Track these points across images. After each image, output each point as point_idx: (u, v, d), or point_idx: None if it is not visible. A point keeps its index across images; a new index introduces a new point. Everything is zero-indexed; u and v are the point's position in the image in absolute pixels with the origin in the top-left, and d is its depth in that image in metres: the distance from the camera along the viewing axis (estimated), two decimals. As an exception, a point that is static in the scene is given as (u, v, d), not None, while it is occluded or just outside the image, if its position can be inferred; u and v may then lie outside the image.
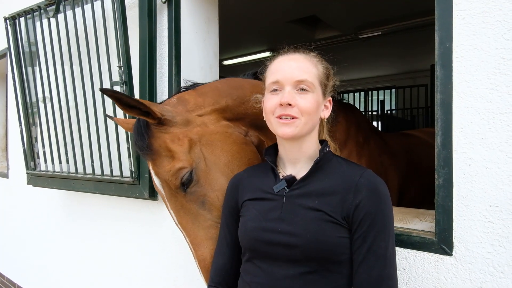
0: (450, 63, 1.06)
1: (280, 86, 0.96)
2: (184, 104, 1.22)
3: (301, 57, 0.99)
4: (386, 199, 0.92)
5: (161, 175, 1.13)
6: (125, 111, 1.09)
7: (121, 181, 1.93)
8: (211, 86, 1.32)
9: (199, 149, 1.15)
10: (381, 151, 2.33)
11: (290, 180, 0.99)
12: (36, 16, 2.28)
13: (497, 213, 1.00)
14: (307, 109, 0.93)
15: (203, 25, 2.02)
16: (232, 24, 4.79)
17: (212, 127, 1.21)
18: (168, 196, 1.15)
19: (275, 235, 0.93)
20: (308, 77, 0.95)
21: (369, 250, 0.88)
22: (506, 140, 0.98)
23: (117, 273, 2.32)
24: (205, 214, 1.14)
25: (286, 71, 0.96)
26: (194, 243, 1.14)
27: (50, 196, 2.81)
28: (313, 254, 0.90)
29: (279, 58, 1.01)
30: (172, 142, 1.13)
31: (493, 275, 1.01)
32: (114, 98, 1.06)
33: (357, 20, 4.92)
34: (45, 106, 2.34)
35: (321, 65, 1.01)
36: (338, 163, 1.01)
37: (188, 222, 1.14)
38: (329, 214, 0.91)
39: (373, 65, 7.58)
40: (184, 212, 1.14)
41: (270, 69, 1.02)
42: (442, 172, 1.08)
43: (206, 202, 1.14)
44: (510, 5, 0.97)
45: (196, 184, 1.13)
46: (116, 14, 1.81)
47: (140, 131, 1.15)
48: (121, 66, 1.81)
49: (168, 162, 1.12)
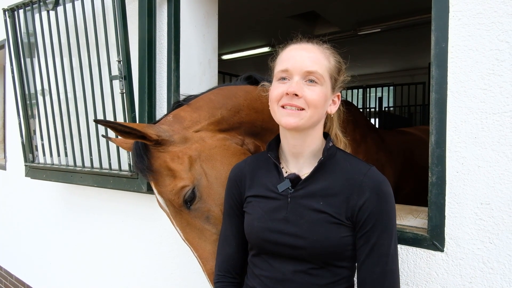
0: (446, 63, 1.08)
1: (289, 75, 0.93)
2: (180, 122, 1.22)
3: (314, 48, 0.96)
4: (390, 198, 0.92)
5: (165, 195, 1.14)
6: (122, 137, 1.11)
7: (120, 174, 1.95)
8: (204, 99, 1.31)
9: (200, 165, 1.16)
10: (378, 148, 2.36)
11: (294, 180, 0.98)
12: (36, 9, 2.28)
13: (488, 211, 1.03)
14: (314, 101, 0.90)
15: (203, 20, 2.03)
16: (232, 19, 4.78)
17: (210, 141, 1.21)
18: (173, 214, 1.17)
19: (281, 236, 0.94)
20: (318, 68, 0.92)
21: (372, 248, 0.90)
22: (498, 140, 1.01)
23: (114, 265, 2.35)
24: (211, 229, 1.16)
25: (297, 60, 0.92)
26: (202, 257, 1.16)
27: (48, 188, 2.82)
28: (319, 254, 0.92)
29: (291, 46, 0.98)
30: (172, 161, 1.14)
31: (483, 271, 1.04)
32: (110, 127, 1.07)
33: (357, 17, 4.92)
34: (44, 98, 2.34)
35: (334, 58, 0.98)
36: (342, 158, 0.99)
37: (195, 238, 1.16)
38: (334, 216, 0.91)
39: (371, 62, 7.59)
40: (190, 228, 1.16)
41: (281, 56, 0.98)
42: (436, 170, 1.11)
43: (211, 217, 1.16)
44: (505, 7, 0.99)
45: (200, 200, 1.14)
46: (116, 8, 1.81)
47: (139, 153, 1.15)
48: (120, 61, 1.81)
49: (170, 181, 1.13)
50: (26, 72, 2.42)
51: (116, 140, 1.35)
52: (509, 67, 0.99)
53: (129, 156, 1.88)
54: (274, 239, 0.95)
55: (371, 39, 5.69)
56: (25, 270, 3.21)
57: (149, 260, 2.12)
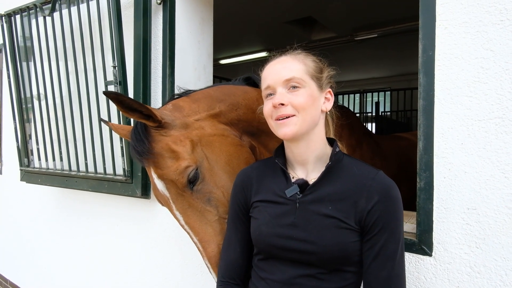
0: (433, 71, 1.10)
1: (272, 90, 0.97)
2: (180, 110, 1.25)
3: (287, 58, 1.00)
4: (398, 203, 0.92)
5: (167, 176, 1.14)
6: (126, 114, 1.11)
7: (114, 179, 1.96)
8: (204, 93, 1.34)
9: (200, 149, 1.18)
10: (373, 154, 2.37)
11: (303, 185, 0.98)
12: (32, 14, 2.30)
13: (475, 216, 1.05)
14: (301, 104, 0.93)
15: (198, 26, 2.05)
16: (229, 24, 4.82)
17: (209, 130, 1.24)
18: (174, 197, 1.16)
19: (290, 241, 0.94)
20: (295, 74, 0.95)
21: (379, 252, 0.90)
22: (484, 146, 1.03)
23: (109, 269, 2.35)
24: (212, 211, 1.16)
25: (274, 74, 0.97)
26: (203, 240, 1.15)
27: (44, 193, 2.82)
28: (328, 259, 0.92)
29: (268, 65, 1.03)
30: (174, 144, 1.15)
31: (470, 275, 1.06)
32: (116, 100, 1.07)
33: (353, 22, 4.96)
34: (40, 103, 2.36)
35: (309, 59, 1.01)
36: (349, 163, 1.00)
37: (196, 221, 1.16)
38: (343, 221, 0.92)
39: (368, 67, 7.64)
40: (191, 210, 1.16)
41: (262, 77, 1.03)
42: (424, 176, 1.12)
43: (212, 199, 1.17)
44: (490, 17, 1.01)
45: (202, 182, 1.15)
46: (112, 14, 1.83)
47: (139, 137, 1.15)
48: (115, 66, 1.83)
49: (173, 162, 1.13)
50: (22, 76, 2.44)
51: (114, 126, 1.34)
52: (493, 75, 1.01)
53: (123, 160, 1.90)
54: (282, 245, 0.95)
55: (367, 44, 5.73)
56: (20, 275, 3.20)
57: (144, 264, 2.12)
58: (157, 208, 2.00)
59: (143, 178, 1.88)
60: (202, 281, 1.84)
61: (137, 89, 1.88)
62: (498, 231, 1.01)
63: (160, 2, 1.89)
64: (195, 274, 1.86)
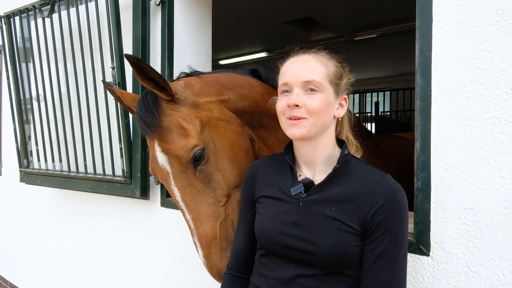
0: (430, 71, 1.10)
1: (289, 87, 0.96)
2: (192, 89, 1.25)
3: (310, 57, 0.99)
4: (403, 207, 0.91)
5: (173, 151, 1.13)
6: (141, 82, 1.11)
7: (113, 180, 1.96)
8: (214, 78, 1.33)
9: (208, 131, 1.19)
10: (372, 154, 2.37)
11: (308, 185, 0.98)
12: (31, 16, 2.30)
13: (472, 216, 1.05)
14: (315, 109, 0.93)
15: (196, 27, 2.05)
16: (229, 25, 4.82)
17: (217, 113, 1.25)
18: (176, 172, 1.16)
19: (291, 239, 0.95)
20: (316, 77, 0.94)
21: (380, 255, 0.89)
22: (481, 146, 1.03)
23: (109, 270, 2.35)
24: (210, 192, 1.17)
25: (294, 73, 0.96)
26: (196, 219, 1.15)
27: (43, 194, 2.82)
28: (327, 261, 0.92)
29: (289, 60, 1.02)
30: (184, 121, 1.15)
31: (467, 274, 1.06)
32: (135, 66, 1.06)
33: (353, 22, 4.97)
34: (39, 104, 2.36)
35: (332, 63, 1.00)
36: (357, 166, 0.99)
37: (193, 199, 1.16)
38: (345, 223, 0.91)
39: (368, 67, 7.65)
40: (190, 189, 1.16)
41: (281, 71, 1.02)
42: (421, 176, 1.13)
43: (212, 181, 1.17)
44: (486, 17, 1.02)
45: (206, 162, 1.16)
46: (110, 15, 1.83)
47: (149, 107, 1.14)
48: (114, 67, 1.83)
49: (181, 139, 1.13)
50: (21, 78, 2.44)
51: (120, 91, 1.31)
52: (490, 75, 1.01)
53: (122, 161, 1.90)
54: (284, 242, 0.96)
55: (367, 44, 5.74)
56: (20, 275, 3.20)
57: (143, 265, 2.13)
58: (156, 208, 2.01)
59: (142, 179, 1.89)
60: (201, 282, 1.84)
61: (136, 90, 1.88)
62: (495, 231, 1.01)
63: (158, 3, 1.90)
64: (194, 274, 1.86)
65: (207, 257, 1.15)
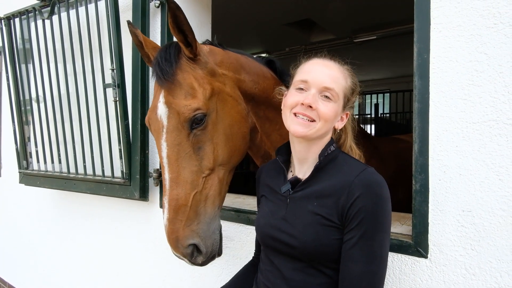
0: (428, 73, 1.11)
1: (307, 86, 0.99)
2: (214, 57, 1.26)
3: (335, 66, 1.03)
4: (379, 199, 0.91)
5: (175, 105, 1.12)
6: (172, 31, 1.12)
7: (113, 181, 1.96)
8: (235, 56, 1.36)
9: (215, 101, 1.20)
10: (370, 156, 2.37)
11: (294, 182, 1.04)
12: (31, 17, 2.31)
13: (470, 218, 1.05)
14: (326, 115, 0.96)
15: (196, 29, 2.06)
16: (229, 26, 4.83)
17: (229, 89, 1.26)
18: (170, 128, 1.14)
19: (279, 233, 1.01)
20: (335, 87, 0.98)
21: (353, 246, 0.90)
22: (478, 149, 1.03)
23: (108, 271, 2.35)
24: (196, 159, 1.15)
25: (318, 75, 0.99)
26: (173, 180, 1.13)
27: (42, 195, 2.82)
28: (310, 254, 0.95)
29: (314, 60, 1.04)
30: (197, 82, 1.16)
31: (465, 276, 1.06)
32: (172, 12, 1.07)
33: (352, 24, 4.98)
34: (38, 105, 2.36)
35: (351, 79, 1.05)
36: (343, 161, 1.02)
37: (178, 160, 1.13)
38: (326, 217, 0.94)
39: (367, 68, 7.65)
40: (178, 148, 1.14)
41: (303, 67, 1.04)
42: (419, 178, 1.13)
43: (202, 149, 1.16)
44: (483, 20, 1.02)
45: (203, 129, 1.15)
46: (110, 17, 1.84)
47: (169, 57, 1.15)
48: (114, 69, 1.84)
49: (187, 98, 1.13)
50: (21, 79, 2.44)
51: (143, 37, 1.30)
52: (487, 78, 1.02)
53: (122, 163, 1.90)
54: (273, 235, 1.02)
55: (366, 46, 5.75)
56: (19, 277, 3.20)
57: (142, 266, 2.12)
58: (155, 210, 2.01)
59: (141, 181, 1.89)
60: (200, 282, 1.84)
61: (135, 91, 1.89)
62: (493, 233, 1.02)
63: (158, 5, 1.90)
64: (193, 275, 1.86)
65: (171, 221, 1.11)
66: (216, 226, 1.20)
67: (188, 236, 1.10)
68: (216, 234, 1.19)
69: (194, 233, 1.11)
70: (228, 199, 1.88)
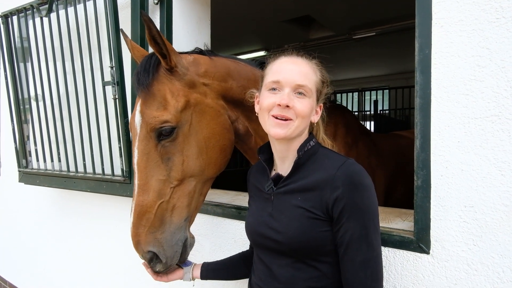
0: (429, 69, 1.10)
1: (280, 86, 0.99)
2: (197, 67, 1.26)
3: (304, 62, 1.02)
4: (362, 188, 0.93)
5: (146, 116, 1.15)
6: (149, 42, 1.13)
7: (113, 179, 1.96)
8: (223, 62, 1.35)
9: (191, 113, 1.20)
10: (370, 152, 2.38)
11: (276, 179, 1.06)
12: (29, 15, 2.29)
13: (472, 213, 1.05)
14: (303, 112, 0.97)
15: (195, 26, 2.05)
16: (227, 23, 4.81)
17: (209, 100, 1.25)
18: (142, 136, 1.17)
19: (267, 229, 1.02)
20: (308, 82, 0.99)
21: (350, 241, 0.92)
22: (480, 144, 1.03)
23: (108, 270, 2.35)
24: (164, 169, 1.16)
25: (288, 73, 0.99)
26: (141, 187, 1.15)
27: (42, 194, 2.82)
28: (296, 249, 0.97)
29: (282, 59, 1.04)
30: (171, 94, 1.17)
31: (467, 272, 1.06)
32: (147, 25, 1.09)
33: (351, 21, 4.96)
34: (37, 104, 2.35)
35: (320, 72, 1.05)
36: (323, 155, 1.03)
37: (146, 168, 1.15)
38: (310, 211, 0.96)
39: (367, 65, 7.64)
40: (147, 157, 1.16)
41: (271, 67, 1.04)
42: (421, 174, 1.13)
43: (171, 160, 1.17)
44: (485, 15, 1.02)
45: (172, 142, 1.16)
46: (109, 14, 1.82)
47: (148, 67, 1.17)
48: (113, 66, 1.83)
49: (158, 109, 1.15)
50: (19, 77, 2.43)
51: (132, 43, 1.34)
52: (489, 73, 1.01)
53: (122, 161, 1.89)
54: (261, 232, 1.04)
55: (366, 42, 5.73)
56: (20, 276, 3.20)
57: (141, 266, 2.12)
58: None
59: (142, 178, 1.88)
60: (199, 282, 1.84)
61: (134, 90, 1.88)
62: (495, 229, 1.01)
63: (157, 2, 1.89)
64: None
65: (134, 225, 1.14)
66: (181, 237, 1.20)
67: (149, 242, 1.14)
68: (179, 246, 1.20)
69: (156, 241, 1.15)
70: (228, 196, 1.88)
